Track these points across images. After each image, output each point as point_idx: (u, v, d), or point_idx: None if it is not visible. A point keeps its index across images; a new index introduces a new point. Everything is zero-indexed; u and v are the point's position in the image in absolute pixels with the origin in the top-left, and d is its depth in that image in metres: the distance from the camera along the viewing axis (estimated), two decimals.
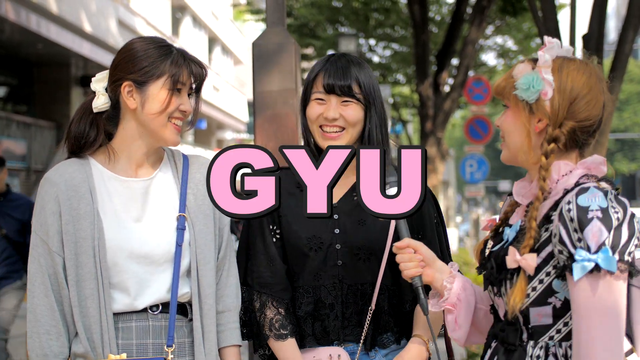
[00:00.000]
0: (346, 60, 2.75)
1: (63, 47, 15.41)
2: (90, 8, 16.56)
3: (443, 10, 19.86)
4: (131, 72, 2.55)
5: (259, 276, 2.73)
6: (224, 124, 33.58)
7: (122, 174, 2.61)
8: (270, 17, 4.46)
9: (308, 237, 2.71)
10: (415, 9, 13.96)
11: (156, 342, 2.55)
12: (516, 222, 2.23)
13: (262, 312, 2.71)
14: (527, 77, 2.14)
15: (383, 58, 22.36)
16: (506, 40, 21.84)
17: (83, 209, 2.52)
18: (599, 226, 1.97)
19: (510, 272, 2.14)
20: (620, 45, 6.89)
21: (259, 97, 4.33)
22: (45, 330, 2.50)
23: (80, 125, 2.63)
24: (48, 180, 2.56)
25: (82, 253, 2.50)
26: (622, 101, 38.49)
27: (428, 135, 14.52)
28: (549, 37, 2.20)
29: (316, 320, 2.72)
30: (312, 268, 2.71)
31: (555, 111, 2.13)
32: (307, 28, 19.86)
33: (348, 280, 2.70)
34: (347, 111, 2.70)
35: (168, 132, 2.59)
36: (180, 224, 2.60)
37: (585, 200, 2.01)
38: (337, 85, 2.69)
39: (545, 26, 6.88)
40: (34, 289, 2.52)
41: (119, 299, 2.53)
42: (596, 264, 1.96)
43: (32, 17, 13.77)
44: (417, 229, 2.74)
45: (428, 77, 14.36)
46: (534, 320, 2.13)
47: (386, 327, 2.74)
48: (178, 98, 2.58)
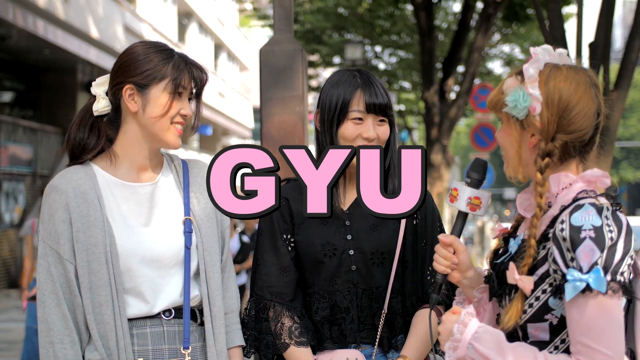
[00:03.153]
0: (375, 78, 2.76)
1: (70, 53, 15.47)
2: (97, 14, 16.62)
3: (449, 18, 19.88)
4: (133, 76, 2.55)
5: (270, 286, 2.73)
6: (230, 130, 33.63)
7: (126, 179, 2.60)
8: (277, 23, 4.47)
9: (322, 244, 2.72)
10: (422, 16, 13.99)
11: (172, 348, 2.55)
12: (520, 235, 2.21)
13: (279, 322, 2.71)
14: (515, 94, 2.11)
15: (389, 65, 22.39)
16: (513, 49, 21.84)
17: (93, 216, 2.51)
18: (591, 246, 1.95)
19: (509, 287, 2.13)
20: (627, 54, 6.89)
21: (266, 104, 4.33)
22: (59, 339, 2.48)
23: (80, 130, 2.62)
24: (55, 188, 2.54)
25: (94, 260, 2.48)
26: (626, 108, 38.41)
27: (433, 143, 14.53)
28: (535, 49, 2.17)
29: (333, 324, 2.73)
30: (327, 274, 2.72)
31: (545, 126, 2.09)
32: (313, 35, 19.89)
33: (362, 284, 2.72)
34: (382, 130, 2.72)
35: (170, 136, 2.58)
36: (187, 227, 2.61)
37: (578, 219, 1.98)
38: (377, 104, 2.69)
39: (552, 35, 6.87)
40: (45, 298, 2.49)
41: (134, 304, 2.53)
42: (587, 284, 1.94)
43: (39, 23, 13.82)
44: (422, 236, 2.76)
45: (434, 84, 14.37)
46: (532, 336, 2.11)
47: (401, 329, 2.76)
48: (179, 102, 2.57)
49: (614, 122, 6.81)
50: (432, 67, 14.42)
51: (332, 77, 2.80)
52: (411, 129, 27.02)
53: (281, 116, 4.31)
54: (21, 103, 17.80)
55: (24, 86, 17.88)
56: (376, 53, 21.95)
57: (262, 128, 4.31)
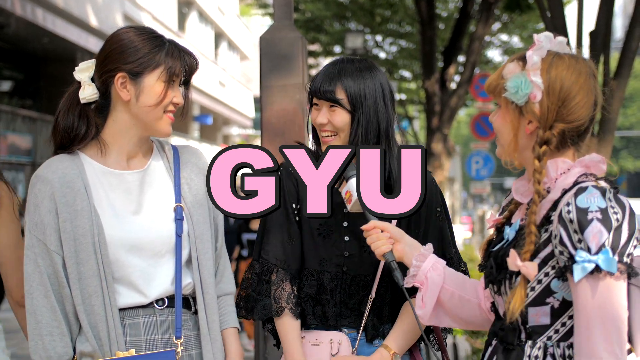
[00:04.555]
0: (340, 66, 2.76)
1: (69, 42, 15.45)
2: (97, 2, 16.59)
3: (450, 7, 19.84)
4: (125, 63, 2.50)
5: (276, 250, 2.75)
6: (230, 120, 33.62)
7: (115, 167, 2.56)
8: (277, 11, 4.46)
9: (320, 222, 2.74)
10: (422, 5, 13.95)
11: (164, 337, 2.54)
12: (516, 221, 2.22)
13: (280, 286, 2.72)
14: (516, 80, 2.12)
15: (390, 54, 22.34)
16: (512, 37, 21.80)
17: (79, 205, 2.47)
18: (599, 227, 1.96)
19: (509, 273, 2.13)
20: (627, 43, 6.86)
21: (266, 92, 4.32)
22: (48, 331, 2.45)
23: (68, 118, 2.57)
24: (40, 178, 2.49)
25: (82, 250, 2.45)
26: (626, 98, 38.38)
27: (434, 132, 14.51)
28: (538, 36, 2.17)
29: (317, 303, 2.75)
30: (319, 254, 2.74)
31: (545, 114, 2.10)
32: (313, 23, 19.85)
33: (352, 271, 2.73)
34: (334, 117, 2.72)
35: (163, 124, 2.56)
36: (178, 214, 2.58)
37: (584, 201, 1.99)
38: (321, 91, 2.72)
39: (553, 23, 6.84)
40: (32, 290, 2.46)
41: (125, 293, 2.51)
42: (596, 265, 1.96)
43: (38, 12, 13.80)
44: (415, 224, 2.76)
45: (434, 73, 14.35)
46: (531, 321, 2.12)
47: (389, 318, 2.76)
48: (172, 90, 2.54)
49: (614, 112, 6.78)
50: (432, 56, 14.40)
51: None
52: (412, 118, 26.99)
53: (281, 104, 4.30)
54: (20, 92, 17.79)
55: (23, 75, 17.88)
56: (377, 42, 21.91)
57: (262, 116, 4.30)
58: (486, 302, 2.38)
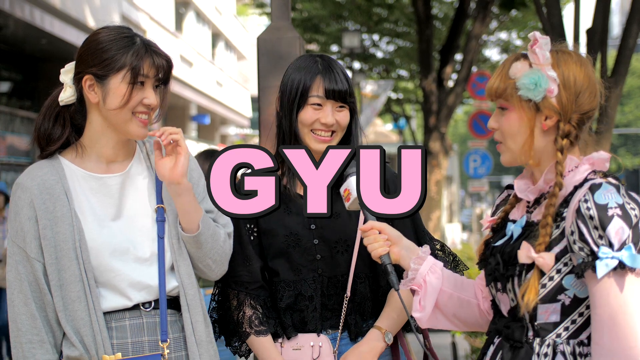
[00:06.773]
0: (336, 64, 2.76)
1: (67, 43, 15.41)
2: (94, 3, 16.57)
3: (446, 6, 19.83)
4: (92, 66, 2.46)
5: (234, 275, 2.74)
6: (228, 120, 33.57)
7: (95, 171, 2.53)
8: (275, 11, 4.46)
9: (286, 234, 2.73)
10: (419, 4, 13.97)
11: (151, 339, 2.51)
12: (521, 218, 2.21)
13: (241, 310, 2.74)
14: (532, 77, 2.12)
15: (387, 53, 22.33)
16: (511, 35, 21.79)
17: (60, 211, 2.45)
18: (621, 224, 1.96)
19: (519, 269, 2.12)
20: (624, 40, 6.88)
21: (264, 91, 4.33)
22: (28, 339, 2.43)
23: (46, 120, 2.55)
24: (20, 185, 2.48)
25: (63, 256, 2.43)
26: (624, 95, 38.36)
27: (432, 130, 14.53)
28: (535, 33, 2.17)
29: (295, 311, 2.74)
30: (292, 264, 2.73)
31: (565, 106, 2.12)
32: (310, 23, 19.84)
33: (327, 273, 2.73)
34: (341, 116, 2.72)
35: (133, 127, 2.49)
36: (160, 215, 2.55)
37: (602, 197, 1.99)
38: (337, 91, 2.70)
39: (550, 21, 6.86)
40: (13, 297, 2.45)
41: (110, 297, 2.48)
42: (620, 262, 1.96)
43: (35, 13, 13.78)
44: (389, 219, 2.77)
45: (432, 72, 14.36)
46: (540, 318, 2.11)
47: (371, 314, 2.77)
48: (141, 92, 2.47)
49: (612, 109, 6.80)
50: (429, 55, 14.41)
51: (295, 62, 2.81)
52: (409, 117, 26.99)
53: None
54: (19, 93, 17.75)
55: (22, 76, 17.84)
56: (374, 41, 21.90)
57: (261, 116, 4.30)
58: (485, 301, 2.38)
